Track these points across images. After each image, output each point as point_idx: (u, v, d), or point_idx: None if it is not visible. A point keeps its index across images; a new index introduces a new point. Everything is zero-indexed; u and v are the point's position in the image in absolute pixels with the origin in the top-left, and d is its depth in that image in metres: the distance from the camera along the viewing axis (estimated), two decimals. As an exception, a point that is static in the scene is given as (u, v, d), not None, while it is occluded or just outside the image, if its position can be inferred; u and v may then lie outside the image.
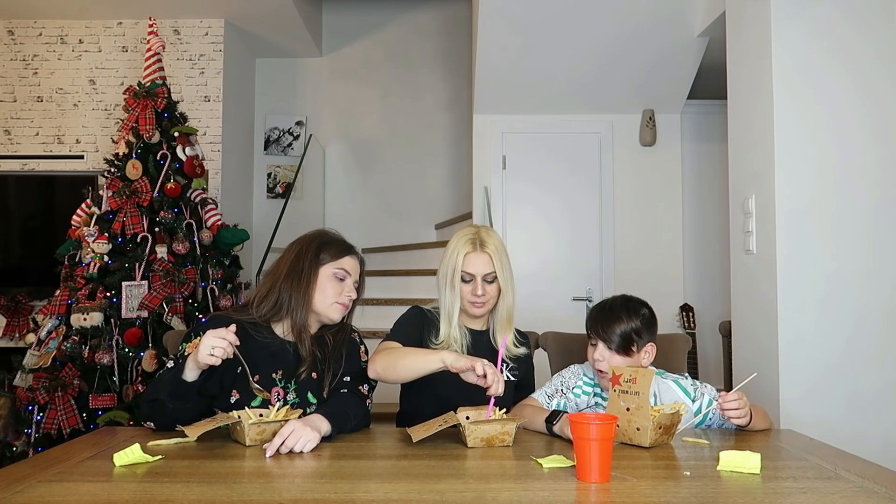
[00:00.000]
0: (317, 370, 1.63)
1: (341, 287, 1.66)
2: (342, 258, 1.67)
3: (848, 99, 2.27)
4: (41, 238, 4.29)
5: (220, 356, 1.37)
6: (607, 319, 1.64)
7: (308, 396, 1.59)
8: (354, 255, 1.72)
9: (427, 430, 1.39)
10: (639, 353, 1.64)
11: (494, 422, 1.41)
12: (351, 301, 1.69)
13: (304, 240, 1.70)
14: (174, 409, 1.44)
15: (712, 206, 4.20)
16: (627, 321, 1.62)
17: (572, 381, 1.74)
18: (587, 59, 3.79)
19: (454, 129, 5.32)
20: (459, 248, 1.75)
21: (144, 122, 3.21)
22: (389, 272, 4.53)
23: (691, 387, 1.68)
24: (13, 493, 1.06)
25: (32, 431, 2.85)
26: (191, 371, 1.42)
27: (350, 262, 1.69)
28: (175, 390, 1.43)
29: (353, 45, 5.38)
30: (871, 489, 1.11)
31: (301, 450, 1.32)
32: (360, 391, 1.63)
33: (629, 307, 1.65)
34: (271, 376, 1.57)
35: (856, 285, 2.23)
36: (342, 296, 1.65)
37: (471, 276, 1.74)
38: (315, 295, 1.63)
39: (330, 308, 1.64)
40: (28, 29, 4.44)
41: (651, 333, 1.66)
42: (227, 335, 1.40)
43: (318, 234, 1.72)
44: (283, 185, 5.17)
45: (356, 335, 1.77)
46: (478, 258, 1.74)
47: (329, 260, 1.66)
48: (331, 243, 1.69)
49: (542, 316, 3.94)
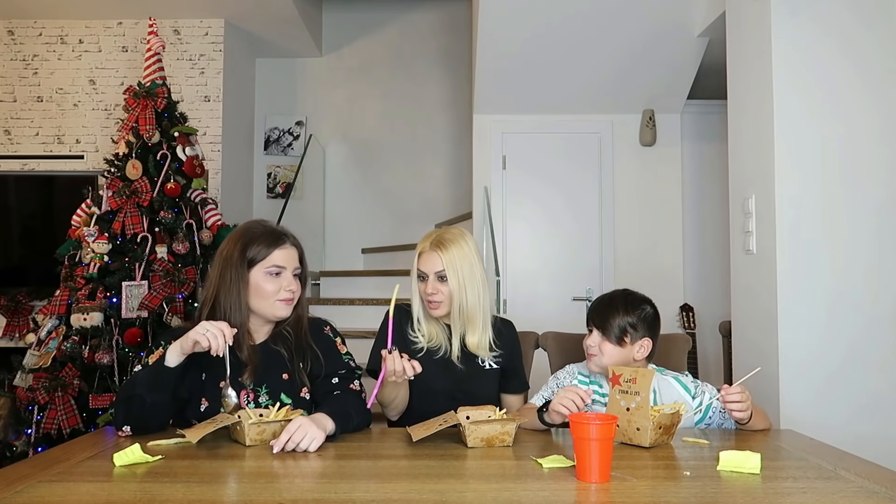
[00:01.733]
0: (287, 370, 1.59)
1: (278, 283, 1.56)
2: (271, 254, 1.56)
3: (848, 98, 2.26)
4: (41, 238, 4.29)
5: (210, 340, 1.39)
6: (605, 309, 1.68)
7: (282, 397, 1.56)
8: (285, 246, 1.59)
9: (427, 429, 1.39)
10: (632, 345, 1.66)
11: (494, 422, 1.41)
12: (294, 294, 1.59)
13: (227, 243, 1.59)
14: (153, 403, 1.42)
15: (712, 206, 4.20)
16: (624, 314, 1.65)
17: (567, 380, 1.76)
18: (587, 58, 3.79)
19: (454, 129, 5.32)
20: (418, 247, 1.82)
21: (144, 122, 3.20)
22: (389, 272, 4.53)
23: (692, 384, 1.69)
24: (13, 493, 1.06)
25: (32, 431, 2.85)
26: (174, 356, 1.43)
27: (282, 255, 1.57)
28: (155, 380, 1.42)
29: (353, 45, 5.38)
30: (871, 489, 1.11)
31: (307, 447, 1.32)
32: (353, 389, 1.60)
33: (628, 301, 1.69)
34: (237, 380, 1.54)
35: (856, 285, 2.23)
36: (282, 292, 1.56)
37: (424, 273, 1.79)
38: (252, 300, 1.56)
39: (273, 307, 1.57)
40: (28, 29, 4.44)
41: (648, 330, 1.67)
42: (225, 329, 1.41)
43: (241, 233, 1.60)
44: (283, 185, 5.17)
45: (328, 329, 1.70)
46: (429, 256, 1.78)
47: (258, 260, 1.55)
48: (256, 240, 1.57)
49: (542, 316, 3.96)
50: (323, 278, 4.83)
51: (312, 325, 1.68)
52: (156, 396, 1.42)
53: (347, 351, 1.69)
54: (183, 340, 1.43)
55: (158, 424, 1.47)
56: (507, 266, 4.13)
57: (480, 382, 1.81)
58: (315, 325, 1.68)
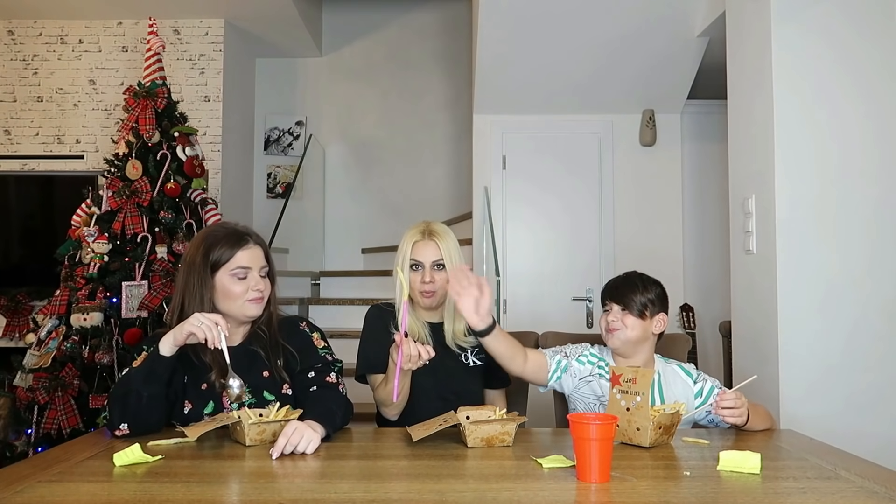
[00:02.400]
0: (267, 367, 1.59)
1: (245, 284, 1.55)
2: (234, 255, 1.54)
3: (848, 98, 2.26)
4: (41, 238, 4.29)
5: (206, 332, 1.40)
6: (623, 286, 1.75)
7: (265, 395, 1.57)
8: (248, 246, 1.57)
9: (427, 429, 1.39)
10: (651, 319, 1.72)
11: (494, 422, 1.41)
12: (263, 293, 1.57)
13: (190, 248, 1.58)
14: (150, 396, 1.43)
15: (712, 206, 4.20)
16: (643, 290, 1.73)
17: (578, 350, 1.81)
18: (587, 58, 3.79)
19: (454, 129, 5.32)
20: (409, 238, 1.84)
21: (144, 122, 3.20)
22: (389, 272, 4.52)
23: (694, 371, 1.76)
24: (13, 493, 1.06)
25: (32, 431, 2.85)
26: (167, 346, 1.43)
27: (246, 256, 1.55)
28: (149, 373, 1.43)
29: (353, 45, 5.38)
30: (871, 489, 1.11)
31: (304, 450, 1.32)
32: (330, 381, 1.59)
33: (644, 279, 1.77)
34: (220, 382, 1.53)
35: (856, 285, 2.23)
36: (250, 292, 1.55)
37: (419, 263, 1.80)
38: (221, 303, 1.55)
39: (242, 308, 1.56)
40: (28, 29, 4.44)
41: (664, 306, 1.75)
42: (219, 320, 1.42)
43: (203, 237, 1.59)
44: (283, 185, 5.17)
45: (304, 325, 1.70)
46: (425, 246, 1.80)
47: (222, 262, 1.54)
48: (218, 243, 1.55)
49: (542, 316, 3.96)
50: (323, 278, 4.83)
51: (286, 323, 1.68)
52: (152, 389, 1.43)
53: (326, 345, 1.68)
54: (177, 331, 1.43)
55: (156, 421, 1.47)
56: (507, 266, 4.13)
57: (466, 379, 1.83)
58: (289, 323, 1.69)
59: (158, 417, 1.47)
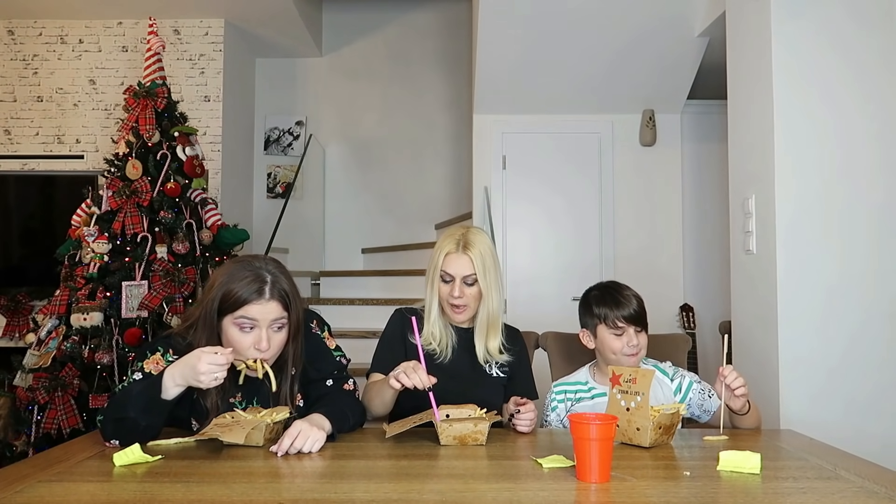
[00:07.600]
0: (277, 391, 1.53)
1: (249, 338, 1.42)
2: (243, 306, 1.41)
3: (849, 98, 2.26)
4: (41, 238, 4.29)
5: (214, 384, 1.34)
6: (625, 305, 1.70)
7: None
8: (263, 300, 1.42)
9: (402, 426, 1.41)
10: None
11: (467, 420, 1.41)
12: (265, 352, 1.43)
13: (215, 275, 1.49)
14: (147, 426, 1.37)
15: (712, 206, 4.20)
16: (637, 303, 1.72)
17: (550, 402, 1.81)
18: (587, 58, 3.79)
19: (454, 129, 5.32)
20: (443, 247, 1.71)
21: (144, 122, 3.20)
22: (389, 272, 4.53)
23: (670, 369, 1.78)
24: (13, 493, 1.06)
25: (32, 431, 2.85)
26: (174, 389, 1.35)
27: (258, 310, 1.41)
28: (150, 406, 1.36)
29: (353, 44, 5.38)
30: (871, 489, 1.11)
31: (309, 450, 1.32)
32: (348, 389, 1.58)
33: (626, 288, 1.76)
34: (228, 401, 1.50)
35: (856, 285, 2.23)
36: (251, 349, 1.43)
37: (450, 276, 1.69)
38: (225, 343, 1.45)
39: (247, 354, 1.44)
40: (28, 29, 4.44)
41: None
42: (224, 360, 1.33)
43: (227, 274, 1.46)
44: (283, 185, 5.17)
45: (315, 323, 1.62)
46: (458, 259, 1.68)
47: (230, 310, 1.42)
48: (234, 291, 1.42)
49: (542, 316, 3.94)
50: (323, 278, 4.83)
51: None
52: (150, 420, 1.37)
53: (337, 346, 1.65)
54: (185, 371, 1.34)
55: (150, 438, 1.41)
56: (507, 266, 4.13)
57: (486, 390, 1.74)
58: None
59: (153, 436, 1.41)
